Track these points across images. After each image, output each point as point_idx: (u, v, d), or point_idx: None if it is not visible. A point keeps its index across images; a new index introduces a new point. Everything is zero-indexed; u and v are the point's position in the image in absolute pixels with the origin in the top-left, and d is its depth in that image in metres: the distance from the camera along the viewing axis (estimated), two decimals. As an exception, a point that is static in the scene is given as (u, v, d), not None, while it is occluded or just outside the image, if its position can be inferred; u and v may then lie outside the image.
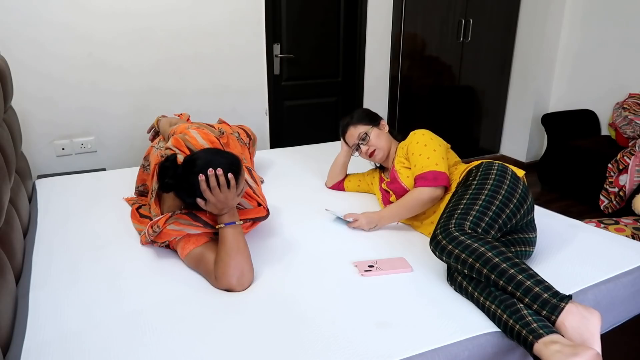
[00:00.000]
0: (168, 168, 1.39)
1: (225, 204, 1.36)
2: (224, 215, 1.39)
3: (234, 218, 1.40)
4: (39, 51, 2.62)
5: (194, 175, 1.33)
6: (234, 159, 1.42)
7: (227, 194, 1.34)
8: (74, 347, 1.12)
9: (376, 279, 1.42)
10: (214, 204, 1.35)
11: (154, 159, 1.74)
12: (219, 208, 1.36)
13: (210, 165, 1.33)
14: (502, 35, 4.17)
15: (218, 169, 1.32)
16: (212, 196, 1.33)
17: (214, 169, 1.32)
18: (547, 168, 3.69)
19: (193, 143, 1.67)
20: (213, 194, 1.33)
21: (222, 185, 1.32)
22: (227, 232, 1.38)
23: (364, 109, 2.01)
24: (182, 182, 1.38)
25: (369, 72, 3.67)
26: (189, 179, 1.35)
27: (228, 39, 3.09)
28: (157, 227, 1.45)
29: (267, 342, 1.14)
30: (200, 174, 1.31)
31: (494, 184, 1.44)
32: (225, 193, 1.34)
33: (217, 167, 1.33)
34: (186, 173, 1.36)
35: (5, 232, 1.41)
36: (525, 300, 1.17)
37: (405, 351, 1.11)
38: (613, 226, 2.32)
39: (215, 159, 1.37)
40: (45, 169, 2.81)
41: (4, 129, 1.75)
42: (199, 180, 1.31)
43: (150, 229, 1.47)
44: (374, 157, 1.89)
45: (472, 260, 1.25)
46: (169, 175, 1.38)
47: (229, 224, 1.38)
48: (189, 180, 1.35)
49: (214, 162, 1.35)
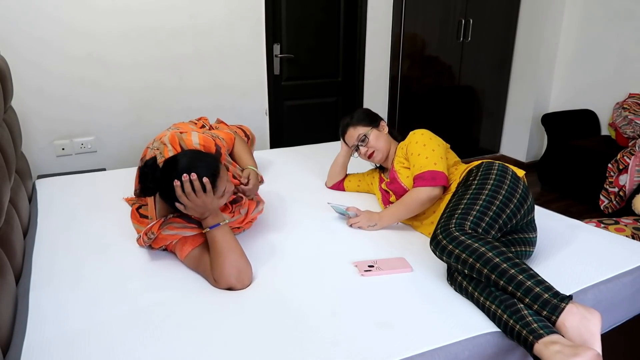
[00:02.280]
0: (147, 173, 1.36)
1: (204, 208, 1.34)
2: (207, 218, 1.37)
3: (217, 219, 1.38)
4: (39, 51, 2.62)
5: (171, 180, 1.31)
6: (211, 162, 1.40)
7: (205, 198, 1.32)
8: (76, 346, 1.12)
9: (376, 279, 1.42)
10: (192, 209, 1.33)
11: None
12: (199, 212, 1.35)
13: (184, 171, 1.31)
14: (502, 35, 4.17)
15: (192, 174, 1.30)
16: (189, 201, 1.31)
17: (188, 174, 1.29)
18: (547, 168, 3.69)
19: (187, 143, 1.67)
20: (190, 199, 1.31)
21: (198, 190, 1.30)
22: (215, 234, 1.36)
23: (364, 109, 2.01)
24: (161, 186, 1.36)
25: (369, 72, 3.67)
26: (167, 183, 1.33)
27: (228, 38, 3.09)
28: (152, 233, 1.43)
29: (267, 341, 1.14)
30: (175, 179, 1.30)
31: (495, 184, 1.44)
32: (202, 197, 1.32)
33: (193, 171, 1.30)
34: (164, 177, 1.35)
35: (5, 232, 1.41)
36: (525, 300, 1.17)
37: (405, 351, 1.11)
38: (613, 226, 2.32)
39: (191, 162, 1.35)
40: (45, 169, 2.81)
41: (4, 129, 1.75)
42: (174, 185, 1.30)
43: (145, 236, 1.45)
44: (373, 158, 1.89)
45: (473, 260, 1.25)
46: (148, 180, 1.35)
47: (214, 227, 1.37)
48: (167, 185, 1.33)
49: (190, 166, 1.33)
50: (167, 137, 1.69)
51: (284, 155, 2.67)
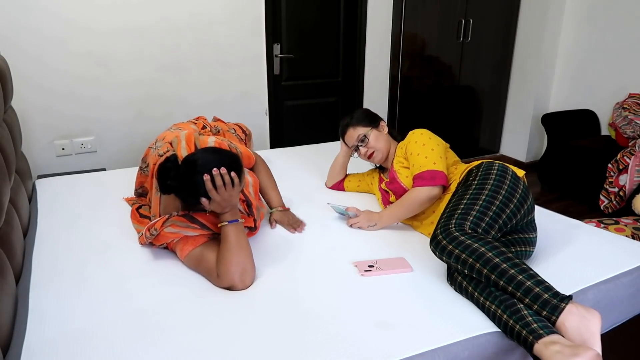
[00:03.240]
0: (169, 169, 1.37)
1: (228, 203, 1.37)
2: (226, 213, 1.39)
3: (236, 216, 1.41)
4: (39, 51, 2.62)
5: (197, 175, 1.33)
6: (234, 157, 1.43)
7: (231, 192, 1.35)
8: (76, 346, 1.12)
9: (376, 279, 1.42)
10: (218, 203, 1.35)
11: (152, 160, 1.74)
12: (223, 207, 1.37)
13: (213, 165, 1.33)
14: (502, 35, 4.17)
15: (222, 167, 1.33)
16: (218, 195, 1.33)
17: (217, 168, 1.32)
18: (547, 168, 3.69)
19: (202, 144, 1.68)
20: (218, 193, 1.33)
21: (227, 184, 1.33)
22: (230, 230, 1.38)
23: (364, 109, 2.00)
24: (184, 182, 1.37)
25: (369, 72, 3.67)
26: (192, 179, 1.35)
27: (228, 38, 3.09)
28: (155, 229, 1.45)
29: (267, 342, 1.15)
30: (204, 173, 1.31)
31: (495, 184, 1.44)
32: (230, 191, 1.35)
33: (220, 166, 1.33)
34: (189, 173, 1.36)
35: (5, 232, 1.41)
36: (525, 300, 1.17)
37: (405, 351, 1.11)
38: (613, 226, 2.32)
39: (216, 158, 1.38)
40: (45, 169, 2.81)
41: (4, 129, 1.76)
42: (204, 180, 1.31)
43: (148, 232, 1.47)
44: (373, 158, 1.89)
45: (473, 260, 1.25)
46: (170, 177, 1.36)
47: (232, 222, 1.39)
48: (192, 180, 1.35)
49: (216, 161, 1.35)
50: (184, 134, 1.70)
51: (284, 155, 2.67)
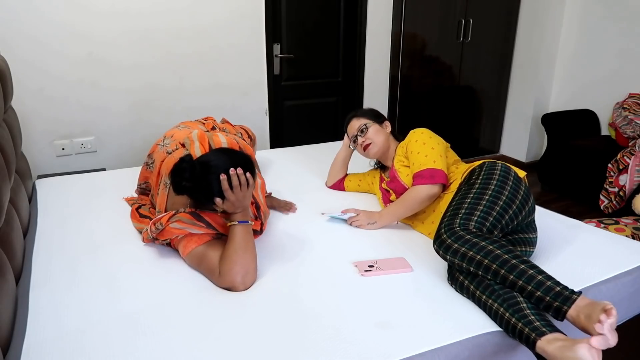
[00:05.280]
0: (185, 169, 1.37)
1: (241, 203, 1.38)
2: (237, 213, 1.40)
3: (246, 217, 1.41)
4: (39, 51, 2.62)
5: (212, 175, 1.34)
6: (247, 158, 1.44)
7: (245, 193, 1.36)
8: (74, 346, 1.12)
9: (376, 279, 1.42)
10: (232, 203, 1.36)
11: (159, 157, 1.75)
12: (236, 207, 1.38)
13: (227, 165, 1.34)
14: (502, 35, 4.17)
15: (238, 168, 1.34)
16: (233, 195, 1.34)
17: (234, 168, 1.34)
18: (547, 168, 3.69)
19: (215, 143, 1.69)
20: (234, 193, 1.34)
21: (243, 184, 1.35)
22: (238, 230, 1.38)
23: (372, 108, 2.03)
24: (199, 183, 1.37)
25: (369, 72, 3.67)
26: (207, 178, 1.36)
27: (228, 38, 3.09)
28: (160, 224, 1.46)
29: (267, 342, 1.14)
30: (221, 173, 1.32)
31: (498, 184, 1.44)
32: (244, 191, 1.36)
33: (236, 166, 1.34)
34: (204, 173, 1.37)
35: (5, 232, 1.41)
36: (537, 293, 1.18)
37: (405, 351, 1.11)
38: (613, 226, 2.32)
39: (231, 158, 1.39)
40: (45, 169, 2.81)
41: (4, 129, 1.75)
42: (221, 179, 1.32)
43: (153, 226, 1.48)
44: (368, 151, 1.88)
45: (481, 256, 1.25)
46: (185, 178, 1.37)
47: (242, 222, 1.39)
48: (207, 180, 1.36)
49: (231, 161, 1.37)
50: (196, 134, 1.70)
51: (284, 155, 2.68)
